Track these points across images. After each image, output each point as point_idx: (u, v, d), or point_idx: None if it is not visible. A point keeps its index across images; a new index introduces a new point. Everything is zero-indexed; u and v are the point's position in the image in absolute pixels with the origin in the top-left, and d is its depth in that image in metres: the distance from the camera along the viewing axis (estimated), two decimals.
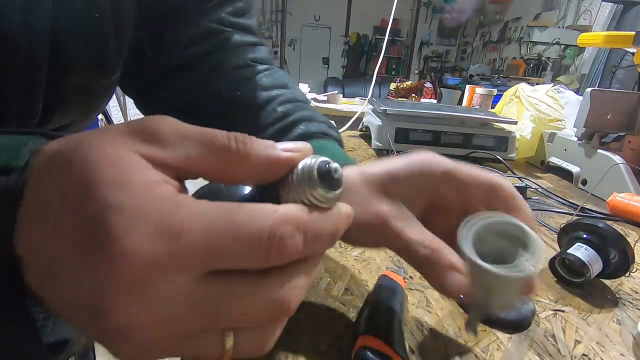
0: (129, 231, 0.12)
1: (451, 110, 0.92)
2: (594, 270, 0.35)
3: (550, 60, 4.02)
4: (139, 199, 0.12)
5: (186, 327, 0.14)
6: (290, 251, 0.14)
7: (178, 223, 0.12)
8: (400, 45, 6.54)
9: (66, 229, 0.12)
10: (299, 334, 0.27)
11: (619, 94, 0.75)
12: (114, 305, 0.12)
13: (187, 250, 0.13)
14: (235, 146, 0.15)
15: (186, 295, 0.13)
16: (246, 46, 0.39)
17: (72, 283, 0.13)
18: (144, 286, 0.12)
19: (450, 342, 0.28)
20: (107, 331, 0.13)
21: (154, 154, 0.14)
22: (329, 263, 0.37)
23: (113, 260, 0.12)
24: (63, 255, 0.13)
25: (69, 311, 0.13)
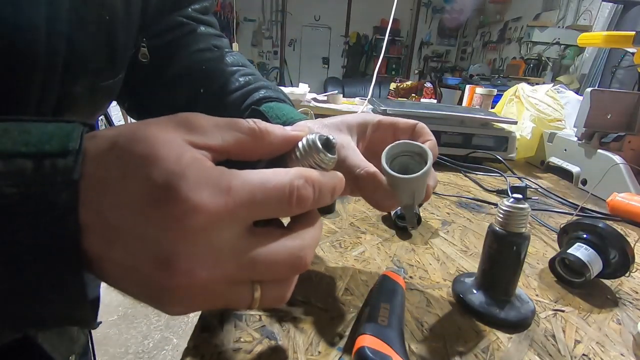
0: (193, 191, 0.15)
1: (451, 110, 0.92)
2: (594, 270, 0.35)
3: (550, 60, 4.02)
4: (194, 168, 0.16)
5: (231, 274, 0.17)
6: (305, 200, 0.18)
7: (226, 182, 0.16)
8: (400, 45, 6.54)
9: (135, 194, 0.15)
10: (299, 334, 0.27)
11: (619, 94, 0.75)
12: (182, 251, 0.15)
13: (235, 202, 0.16)
14: (259, 128, 0.19)
15: (233, 245, 0.17)
16: (211, 35, 0.44)
17: (141, 240, 0.15)
18: (206, 234, 0.16)
19: (450, 342, 0.28)
20: (172, 279, 0.15)
21: (197, 140, 0.17)
22: (329, 263, 0.37)
23: (184, 212, 0.15)
24: (134, 216, 0.15)
25: (134, 269, 0.16)
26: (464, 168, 0.75)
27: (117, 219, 0.15)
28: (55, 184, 0.15)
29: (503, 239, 0.30)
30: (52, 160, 0.15)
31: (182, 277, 0.15)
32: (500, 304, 0.31)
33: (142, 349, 1.44)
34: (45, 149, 0.15)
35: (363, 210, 0.51)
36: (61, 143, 0.15)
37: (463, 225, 0.49)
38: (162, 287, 0.16)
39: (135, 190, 0.15)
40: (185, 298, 0.16)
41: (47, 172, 0.15)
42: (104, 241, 0.15)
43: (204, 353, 0.25)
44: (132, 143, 0.16)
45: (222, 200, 0.16)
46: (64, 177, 0.15)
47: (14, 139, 0.15)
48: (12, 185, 0.14)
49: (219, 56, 0.43)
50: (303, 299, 0.31)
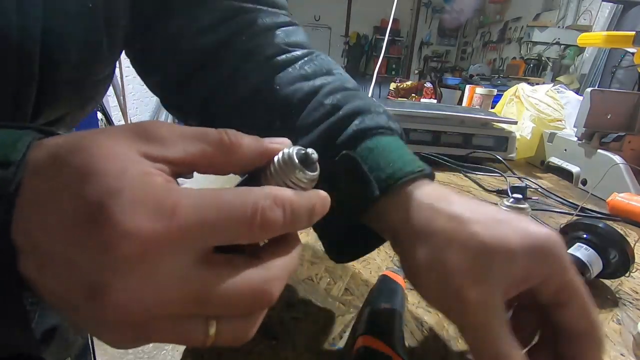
0: (128, 212, 0.13)
1: (451, 110, 0.92)
2: (594, 270, 0.35)
3: (550, 60, 4.02)
4: (136, 185, 0.13)
5: (177, 310, 0.14)
6: (272, 223, 0.15)
7: (171, 203, 0.14)
8: (400, 45, 6.55)
9: (66, 214, 0.13)
10: (299, 334, 0.27)
11: (619, 94, 0.75)
12: (112, 283, 0.13)
13: (181, 227, 0.14)
14: (228, 139, 0.17)
15: (180, 277, 0.14)
16: (278, 28, 0.33)
17: (70, 266, 0.13)
18: (142, 265, 0.13)
19: (450, 342, 0.28)
20: (102, 312, 0.13)
21: (153, 151, 0.15)
22: (329, 263, 0.37)
23: (113, 239, 0.13)
24: (63, 239, 0.13)
25: (64, 297, 0.14)
26: (464, 168, 0.75)
27: (46, 238, 0.13)
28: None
29: None
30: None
31: (114, 312, 0.13)
32: None
33: (142, 349, 1.44)
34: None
35: None
36: (3, 153, 0.14)
37: None
38: (94, 319, 0.14)
39: (66, 209, 0.13)
40: (122, 333, 0.14)
41: None
42: (34, 265, 0.14)
43: (204, 353, 0.25)
44: (72, 154, 0.14)
45: (161, 225, 0.13)
46: (2, 191, 0.13)
47: None
48: None
49: (293, 64, 0.32)
50: (303, 299, 0.31)
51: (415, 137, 0.79)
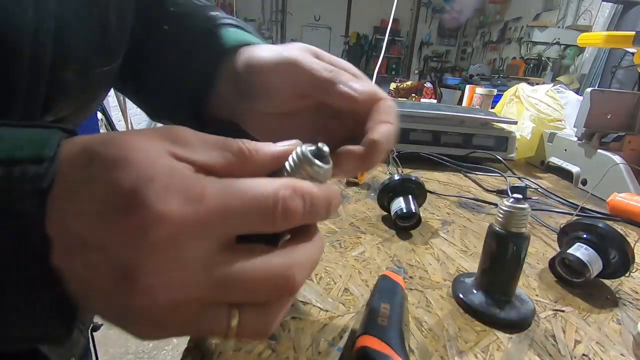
0: (160, 198, 0.14)
1: (451, 110, 0.92)
2: (594, 270, 0.35)
3: (550, 60, 4.02)
4: (166, 173, 0.14)
5: (200, 293, 0.15)
6: (293, 212, 0.16)
7: (200, 190, 0.15)
8: (400, 45, 6.55)
9: (100, 201, 0.14)
10: (299, 334, 0.27)
11: (619, 94, 0.75)
12: (144, 266, 0.14)
13: (208, 213, 0.14)
14: (247, 149, 0.18)
15: (204, 261, 0.15)
16: None
17: (104, 250, 0.14)
18: (172, 248, 0.14)
19: (450, 342, 0.28)
20: (132, 295, 0.14)
21: (181, 153, 0.16)
22: (329, 263, 0.37)
23: (147, 222, 0.13)
24: (96, 225, 0.14)
25: (96, 283, 0.14)
26: (464, 168, 0.75)
27: (79, 226, 0.14)
28: (22, 192, 0.14)
29: (503, 239, 0.30)
30: (23, 168, 0.14)
31: (144, 295, 0.14)
32: (500, 304, 0.31)
33: (142, 349, 1.44)
34: (17, 155, 0.14)
35: (363, 210, 0.51)
36: (35, 150, 0.15)
37: (463, 225, 0.49)
38: (124, 305, 0.14)
39: (99, 196, 0.14)
40: (151, 319, 0.15)
41: (16, 180, 0.14)
42: (66, 252, 0.14)
43: (204, 353, 0.25)
44: (105, 146, 0.15)
45: (191, 210, 0.14)
46: (33, 185, 0.14)
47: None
48: None
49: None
50: (303, 299, 0.31)
51: (415, 137, 0.79)
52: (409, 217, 0.45)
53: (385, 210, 0.49)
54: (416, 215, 0.45)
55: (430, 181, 0.68)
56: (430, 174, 0.72)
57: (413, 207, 0.45)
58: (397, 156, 0.69)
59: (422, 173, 0.73)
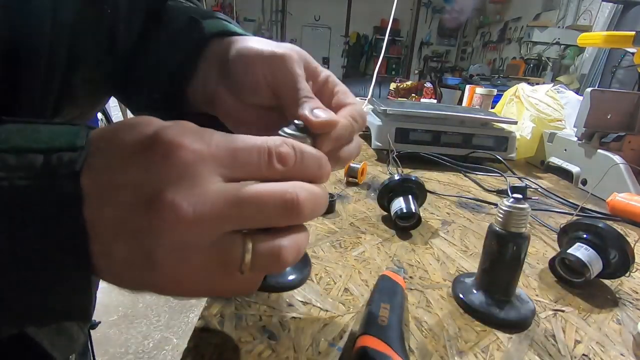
0: (178, 135, 0.17)
1: (451, 110, 0.92)
2: (594, 270, 0.35)
3: (550, 60, 4.03)
4: (181, 125, 0.17)
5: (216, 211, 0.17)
6: (285, 157, 0.19)
7: (209, 135, 0.18)
8: (400, 45, 6.55)
9: (124, 149, 0.17)
10: (299, 334, 0.27)
11: (619, 94, 0.75)
12: (166, 187, 0.16)
13: (219, 149, 0.17)
14: None
15: (218, 186, 0.17)
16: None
17: (128, 186, 0.16)
18: (188, 174, 0.16)
19: (450, 342, 0.28)
20: (158, 220, 0.16)
21: None
22: (329, 263, 0.37)
23: (167, 151, 0.16)
24: (119, 166, 0.16)
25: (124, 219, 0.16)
26: (464, 168, 0.75)
27: (107, 173, 0.16)
28: (59, 175, 0.16)
29: (503, 239, 0.30)
30: (59, 155, 0.16)
31: (169, 214, 0.16)
32: (500, 304, 0.31)
33: (142, 349, 1.44)
34: (55, 145, 0.16)
35: (363, 210, 0.51)
36: (69, 140, 0.17)
37: (463, 225, 0.49)
38: (150, 235, 0.16)
39: (125, 145, 0.17)
40: (176, 248, 0.16)
41: (54, 165, 0.16)
42: (97, 202, 0.16)
43: (204, 353, 0.25)
44: (131, 121, 0.18)
45: (204, 146, 0.17)
46: (68, 169, 0.16)
47: (26, 137, 0.17)
48: (23, 178, 0.15)
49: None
50: (303, 299, 0.31)
51: (415, 137, 0.79)
52: (409, 217, 0.45)
53: (385, 210, 0.49)
54: (416, 215, 0.45)
55: (430, 181, 0.68)
56: (430, 174, 0.72)
57: (413, 207, 0.45)
58: (397, 156, 0.69)
59: (422, 173, 0.73)
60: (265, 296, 0.31)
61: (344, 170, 0.63)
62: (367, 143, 0.92)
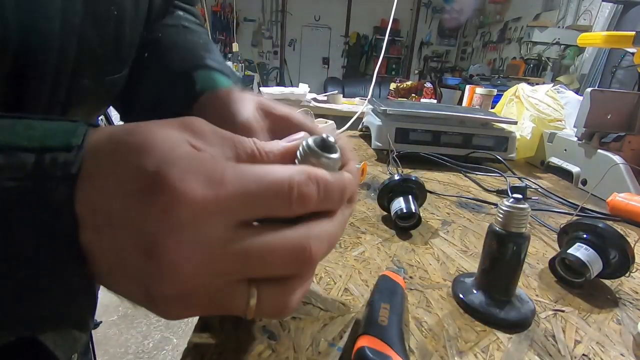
0: (183, 179, 0.15)
1: (451, 110, 0.92)
2: (594, 270, 0.35)
3: (550, 60, 4.02)
4: (188, 157, 0.15)
5: (220, 267, 0.16)
6: (307, 198, 0.17)
7: (220, 173, 0.15)
8: (400, 45, 6.55)
9: (125, 181, 0.15)
10: (299, 334, 0.27)
11: (619, 94, 0.75)
12: (167, 242, 0.15)
13: (227, 195, 0.15)
14: (257, 150, 0.19)
15: (224, 238, 0.16)
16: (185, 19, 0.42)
17: (129, 228, 0.15)
18: (193, 226, 0.15)
19: (450, 342, 0.28)
20: (158, 269, 0.15)
21: (198, 144, 0.17)
22: (329, 263, 0.37)
23: (170, 202, 0.14)
24: (122, 204, 0.15)
25: (123, 259, 0.15)
26: (464, 168, 0.75)
27: (105, 207, 0.15)
28: (53, 178, 0.15)
29: (503, 239, 0.30)
30: (53, 155, 0.15)
31: (168, 268, 0.15)
32: (500, 304, 0.31)
33: (142, 349, 1.44)
34: (48, 143, 0.15)
35: (363, 210, 0.51)
36: (64, 139, 0.15)
37: (463, 225, 0.49)
38: (149, 280, 0.15)
39: (125, 178, 0.15)
40: (175, 296, 0.16)
41: (47, 166, 0.15)
42: (94, 232, 0.15)
43: (204, 353, 0.25)
44: (128, 134, 0.16)
45: (212, 192, 0.15)
46: (63, 172, 0.15)
47: (18, 134, 0.15)
48: (11, 179, 0.14)
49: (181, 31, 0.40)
50: (303, 299, 0.31)
51: (415, 137, 0.79)
52: (409, 217, 0.45)
53: (385, 210, 0.49)
54: (416, 215, 0.45)
55: (430, 181, 0.68)
56: (430, 174, 0.72)
57: (413, 207, 0.45)
58: (397, 156, 0.69)
59: (422, 173, 0.73)
60: None
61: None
62: (367, 143, 0.92)
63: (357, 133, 1.03)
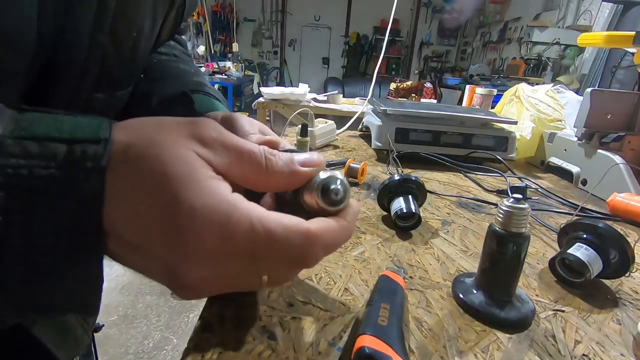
0: (198, 225, 0.16)
1: (451, 110, 0.92)
2: (594, 270, 0.35)
3: (550, 60, 4.02)
4: (205, 197, 0.17)
5: (229, 289, 0.19)
6: (312, 263, 0.20)
7: (233, 225, 0.17)
8: (400, 45, 6.54)
9: (147, 214, 0.16)
10: (299, 334, 0.27)
11: (619, 94, 0.75)
12: (185, 272, 0.17)
13: (238, 246, 0.17)
14: (265, 163, 0.19)
15: (234, 270, 0.18)
16: (175, 47, 0.47)
17: (151, 255, 0.17)
18: (206, 262, 0.17)
19: (450, 342, 0.28)
20: (179, 287, 0.18)
21: (207, 156, 0.18)
22: (329, 263, 0.37)
23: (187, 244, 0.16)
24: (146, 233, 0.16)
25: (149, 273, 0.18)
26: (464, 168, 0.75)
27: (132, 232, 0.16)
28: (84, 169, 0.15)
29: (503, 239, 0.30)
30: (83, 146, 0.16)
31: (190, 286, 0.18)
32: (500, 304, 0.31)
33: (142, 349, 1.44)
34: (78, 135, 0.16)
35: (363, 210, 0.51)
36: (93, 132, 0.16)
37: (463, 225, 0.49)
38: (175, 288, 0.18)
39: (147, 210, 0.16)
40: (194, 293, 0.18)
41: (77, 157, 0.15)
42: (121, 246, 0.17)
43: (204, 353, 0.25)
44: (144, 158, 0.17)
45: (223, 242, 0.17)
46: (93, 164, 0.15)
47: (48, 125, 0.16)
48: (44, 167, 0.15)
49: (173, 60, 0.44)
50: (303, 299, 0.31)
51: (415, 137, 0.79)
52: (409, 217, 0.45)
53: (385, 210, 0.49)
54: (416, 215, 0.45)
55: (430, 181, 0.68)
56: (430, 174, 0.72)
57: (413, 207, 0.45)
58: (397, 156, 0.69)
59: (422, 173, 0.73)
60: (265, 296, 0.31)
61: (344, 171, 0.63)
62: (367, 143, 0.92)
63: (357, 133, 1.03)
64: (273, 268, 0.19)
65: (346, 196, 0.21)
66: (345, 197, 0.21)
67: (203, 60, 4.64)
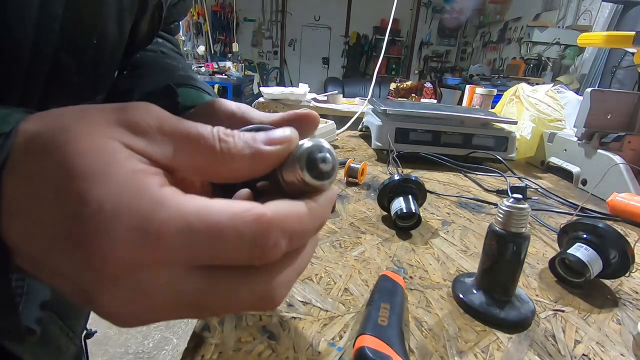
0: (107, 231, 0.12)
1: (451, 110, 0.92)
2: (594, 270, 0.35)
3: (550, 60, 4.02)
4: (119, 195, 0.13)
5: (175, 314, 0.14)
6: (274, 254, 0.14)
7: (156, 225, 0.13)
8: (400, 45, 6.54)
9: (48, 223, 0.13)
10: (299, 334, 0.27)
11: (619, 94, 0.75)
12: (100, 295, 0.13)
13: (166, 250, 0.13)
14: (219, 147, 0.15)
15: (172, 286, 0.14)
16: (163, 45, 0.44)
17: (60, 272, 0.13)
18: (126, 279, 0.13)
19: (450, 342, 0.28)
20: (100, 311, 0.14)
21: (139, 146, 0.14)
22: (329, 263, 0.37)
23: (93, 257, 0.12)
24: (48, 247, 0.13)
25: (68, 297, 0.14)
26: (464, 168, 0.75)
27: (35, 245, 0.13)
28: None
29: (503, 239, 0.30)
30: None
31: (108, 313, 0.14)
32: (500, 304, 0.31)
33: (142, 349, 1.44)
34: None
35: (363, 210, 0.51)
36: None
37: (463, 225, 0.49)
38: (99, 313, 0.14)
39: (50, 218, 0.13)
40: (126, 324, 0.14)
41: None
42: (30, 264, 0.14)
43: (204, 353, 0.25)
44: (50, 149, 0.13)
45: (144, 247, 0.13)
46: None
47: None
48: None
49: (160, 56, 0.42)
50: (303, 299, 0.31)
51: (415, 137, 0.79)
52: (409, 217, 0.45)
53: (385, 210, 0.49)
54: (416, 215, 0.45)
55: (430, 181, 0.68)
56: (430, 174, 0.72)
57: (413, 207, 0.45)
58: (397, 156, 0.69)
59: (422, 173, 0.73)
60: None
61: (344, 171, 0.63)
62: (367, 143, 0.92)
63: (357, 133, 1.03)
64: (224, 276, 0.14)
65: (335, 167, 0.17)
66: (335, 168, 0.17)
67: (203, 60, 4.65)
